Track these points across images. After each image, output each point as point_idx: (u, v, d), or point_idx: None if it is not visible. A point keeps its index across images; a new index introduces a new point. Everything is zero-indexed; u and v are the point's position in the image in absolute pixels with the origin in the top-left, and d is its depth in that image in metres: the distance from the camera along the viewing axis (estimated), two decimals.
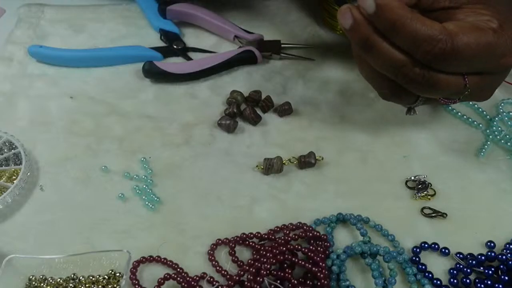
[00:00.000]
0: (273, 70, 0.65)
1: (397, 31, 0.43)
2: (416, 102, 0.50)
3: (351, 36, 0.46)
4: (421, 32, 0.43)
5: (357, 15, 0.45)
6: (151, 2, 0.70)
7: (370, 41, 0.45)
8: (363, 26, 0.45)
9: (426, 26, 0.43)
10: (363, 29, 0.45)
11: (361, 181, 0.54)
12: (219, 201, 0.52)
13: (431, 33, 0.43)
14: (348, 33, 0.46)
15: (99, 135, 0.58)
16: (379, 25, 0.44)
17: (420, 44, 0.43)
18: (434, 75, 0.46)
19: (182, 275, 0.46)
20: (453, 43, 0.43)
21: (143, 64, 0.62)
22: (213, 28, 0.68)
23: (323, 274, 0.44)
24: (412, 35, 0.43)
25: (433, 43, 0.43)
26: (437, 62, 0.44)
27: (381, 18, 0.44)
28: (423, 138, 0.58)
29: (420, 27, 0.43)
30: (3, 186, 0.52)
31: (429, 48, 0.43)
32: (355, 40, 0.46)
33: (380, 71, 0.47)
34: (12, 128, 0.57)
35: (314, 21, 0.70)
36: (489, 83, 0.48)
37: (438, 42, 0.43)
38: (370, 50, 0.46)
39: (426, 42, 0.43)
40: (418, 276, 0.47)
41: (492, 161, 0.56)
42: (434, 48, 0.43)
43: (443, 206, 0.52)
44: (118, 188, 0.53)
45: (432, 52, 0.43)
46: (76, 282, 0.46)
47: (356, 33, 0.45)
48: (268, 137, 0.58)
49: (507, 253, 0.47)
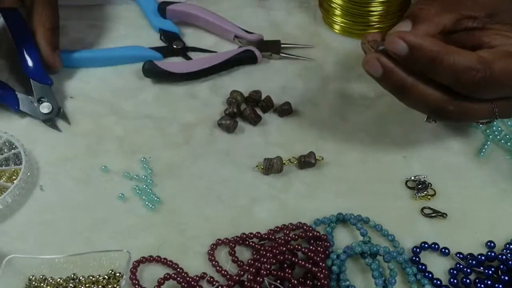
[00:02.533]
0: (273, 70, 0.65)
1: (436, 68, 0.44)
2: None
3: (384, 84, 0.46)
4: (460, 64, 0.43)
5: (386, 63, 0.45)
6: (151, 2, 0.70)
7: (405, 86, 0.45)
8: (396, 73, 0.45)
9: (464, 58, 0.44)
10: (396, 75, 0.45)
11: (361, 181, 0.54)
12: (219, 201, 0.52)
13: (470, 64, 0.44)
14: (380, 82, 0.46)
15: (99, 135, 0.58)
16: (415, 65, 0.45)
17: (460, 76, 0.44)
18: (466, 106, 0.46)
19: (182, 275, 0.46)
20: (491, 70, 0.44)
21: (143, 64, 0.62)
22: (213, 28, 0.68)
23: (323, 274, 0.44)
24: (452, 68, 0.44)
25: (472, 73, 0.44)
26: (477, 91, 0.45)
27: (417, 58, 0.44)
28: (423, 138, 0.58)
29: (459, 60, 0.44)
30: (3, 186, 0.52)
31: (470, 78, 0.44)
32: (388, 87, 0.46)
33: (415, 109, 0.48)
34: (12, 128, 0.57)
35: (314, 21, 0.70)
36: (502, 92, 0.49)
37: (478, 71, 0.44)
38: (405, 94, 0.46)
39: (466, 73, 0.44)
40: (418, 276, 0.47)
41: (492, 161, 0.56)
42: (475, 78, 0.44)
43: (443, 206, 0.52)
44: (118, 188, 0.53)
45: (473, 82, 0.44)
46: (76, 282, 0.46)
47: (388, 80, 0.45)
48: (268, 137, 0.58)
49: (507, 253, 0.47)
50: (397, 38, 0.44)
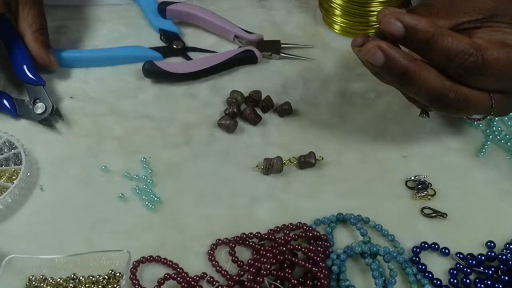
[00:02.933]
0: (273, 70, 0.65)
1: (430, 49, 0.43)
2: None
3: (386, 73, 0.45)
4: (453, 47, 0.43)
5: (389, 51, 0.43)
6: (151, 2, 0.70)
7: (407, 72, 0.44)
8: (399, 60, 0.44)
9: (457, 41, 0.43)
10: (399, 62, 0.44)
11: (361, 181, 0.54)
12: (219, 201, 0.52)
13: (463, 47, 0.43)
14: (381, 70, 0.45)
15: (99, 135, 0.58)
16: (410, 46, 0.44)
17: (452, 58, 0.43)
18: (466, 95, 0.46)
19: (182, 275, 0.46)
20: (483, 56, 0.43)
21: (143, 64, 0.62)
22: (213, 28, 0.68)
23: (323, 274, 0.44)
24: (445, 50, 0.43)
25: (464, 57, 0.43)
26: (468, 76, 0.45)
27: (413, 39, 0.43)
28: (423, 138, 0.58)
29: (452, 42, 0.43)
30: (3, 186, 0.52)
31: (461, 61, 0.43)
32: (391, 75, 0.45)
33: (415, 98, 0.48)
34: (12, 128, 0.57)
35: (314, 21, 0.70)
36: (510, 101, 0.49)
37: (470, 55, 0.43)
38: (408, 82, 0.45)
39: (458, 57, 0.43)
40: (418, 276, 0.47)
41: (492, 161, 0.56)
42: (466, 62, 0.43)
43: (443, 206, 0.52)
44: (118, 188, 0.53)
45: (463, 66, 0.44)
46: (76, 282, 0.46)
47: (391, 69, 0.44)
48: (268, 137, 0.58)
49: (507, 253, 0.47)
50: (392, 19, 0.43)
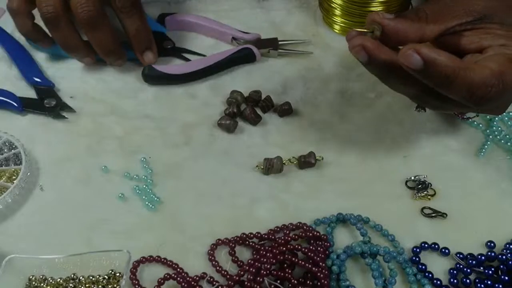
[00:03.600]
0: (273, 70, 0.65)
1: (451, 82, 0.43)
2: None
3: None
4: (475, 80, 0.43)
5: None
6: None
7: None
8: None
9: (478, 74, 0.43)
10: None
11: (361, 181, 0.54)
12: (219, 201, 0.52)
13: (485, 79, 0.43)
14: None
15: (99, 135, 0.58)
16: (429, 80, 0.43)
17: (475, 91, 0.43)
18: None
19: (182, 275, 0.46)
20: (504, 83, 0.43)
21: (142, 69, 0.62)
22: (211, 33, 0.68)
23: (323, 274, 0.44)
24: (467, 85, 0.43)
25: (487, 89, 0.43)
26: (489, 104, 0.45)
27: (432, 73, 0.42)
28: (423, 138, 0.58)
29: (473, 75, 0.43)
30: (3, 186, 0.52)
31: (484, 94, 0.43)
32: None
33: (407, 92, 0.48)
34: (12, 128, 0.57)
35: (314, 21, 0.70)
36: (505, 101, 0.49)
37: (492, 87, 0.43)
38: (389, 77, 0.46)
39: (481, 89, 0.43)
40: (418, 276, 0.47)
41: (492, 161, 0.56)
42: (490, 93, 0.43)
43: (443, 206, 0.52)
44: (118, 188, 0.53)
45: (487, 97, 0.43)
46: (76, 282, 0.46)
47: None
48: (268, 137, 0.58)
49: (507, 253, 0.47)
50: (411, 51, 0.41)
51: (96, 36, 0.59)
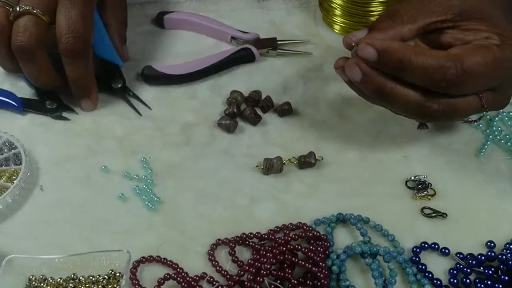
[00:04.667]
0: (273, 70, 0.65)
1: (405, 69, 0.44)
2: None
3: (364, 88, 0.47)
4: (430, 63, 0.44)
5: (365, 68, 0.45)
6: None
7: (384, 90, 0.46)
8: (374, 77, 0.45)
9: (432, 57, 0.44)
10: (374, 80, 0.45)
11: (361, 181, 0.54)
12: (219, 201, 0.52)
13: (439, 62, 0.44)
14: (360, 86, 0.47)
15: (99, 135, 0.58)
16: (387, 68, 0.45)
17: (432, 75, 0.44)
18: (452, 103, 0.46)
19: (182, 275, 0.46)
20: (462, 66, 0.44)
21: (142, 69, 0.62)
22: (210, 32, 0.68)
23: (323, 274, 0.44)
24: (421, 68, 0.44)
25: (444, 71, 0.44)
26: (452, 88, 0.45)
27: (387, 61, 0.44)
28: (423, 138, 0.58)
29: (427, 59, 0.44)
30: (3, 186, 0.52)
31: (441, 76, 0.44)
32: (369, 91, 0.47)
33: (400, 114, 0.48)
34: (12, 128, 0.57)
35: (314, 21, 0.70)
36: (504, 93, 0.49)
37: (449, 68, 0.44)
38: (386, 97, 0.46)
39: (437, 72, 0.44)
40: (418, 276, 0.47)
41: (492, 161, 0.56)
42: (446, 75, 0.44)
43: (443, 206, 0.52)
44: (118, 188, 0.53)
45: (445, 79, 0.44)
46: (76, 282, 0.46)
47: (368, 84, 0.46)
48: (268, 137, 0.58)
49: (507, 253, 0.47)
50: (364, 44, 0.44)
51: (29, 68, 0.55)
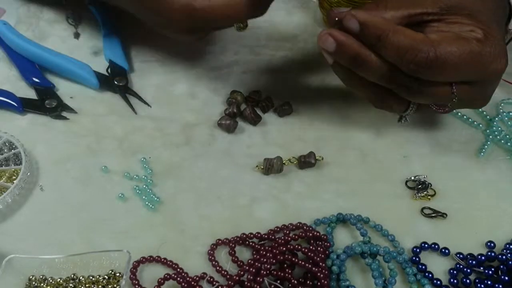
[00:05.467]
0: (273, 70, 0.65)
1: (381, 44, 0.45)
2: (407, 110, 0.51)
3: (339, 57, 0.47)
4: (404, 43, 0.44)
5: (339, 37, 0.46)
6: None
7: (359, 57, 0.46)
8: (348, 45, 0.46)
9: (408, 37, 0.44)
10: (349, 47, 0.46)
11: (361, 181, 0.54)
12: (219, 201, 0.52)
13: (413, 43, 0.44)
14: (334, 55, 0.47)
15: (99, 135, 0.58)
16: (365, 40, 0.45)
17: (403, 54, 0.44)
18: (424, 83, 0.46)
19: (182, 275, 0.46)
20: (435, 52, 0.44)
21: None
22: None
23: (323, 274, 0.44)
24: (395, 46, 0.44)
25: (415, 52, 0.44)
26: (421, 71, 0.45)
27: (366, 33, 0.45)
28: (423, 138, 0.58)
29: (403, 38, 0.44)
30: (3, 186, 0.52)
31: (411, 57, 0.44)
32: (344, 59, 0.47)
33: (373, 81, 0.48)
34: (12, 128, 0.57)
35: (314, 21, 0.70)
36: (482, 90, 0.49)
37: (420, 51, 0.44)
38: (361, 65, 0.47)
39: (409, 52, 0.44)
40: (418, 276, 0.47)
41: (492, 161, 0.56)
42: (416, 57, 0.44)
43: (443, 206, 0.52)
44: (118, 188, 0.53)
45: (414, 61, 0.44)
46: (76, 282, 0.46)
47: (342, 53, 0.46)
48: (268, 137, 0.58)
49: (507, 253, 0.47)
50: (349, 16, 0.45)
51: None
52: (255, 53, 0.66)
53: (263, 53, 0.66)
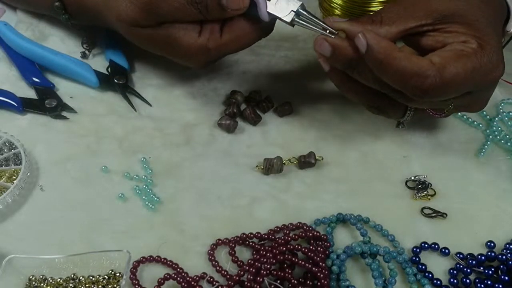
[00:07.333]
0: (273, 69, 0.65)
1: (385, 69, 0.44)
2: (405, 116, 0.51)
3: (335, 61, 0.48)
4: (409, 70, 0.44)
5: (334, 41, 0.47)
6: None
7: (354, 60, 0.46)
8: (344, 49, 0.46)
9: (413, 64, 0.44)
10: (344, 51, 0.46)
11: (361, 181, 0.54)
12: (219, 201, 0.52)
13: (419, 70, 0.44)
14: (330, 60, 0.48)
15: (99, 135, 0.58)
16: (369, 63, 0.45)
17: (408, 81, 0.44)
18: None
19: (182, 275, 0.46)
20: (441, 77, 0.44)
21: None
22: None
23: (323, 274, 0.44)
24: (399, 73, 0.44)
25: (421, 80, 0.44)
26: (427, 96, 0.45)
27: (370, 57, 0.44)
28: (423, 138, 0.58)
29: (408, 65, 0.44)
30: (3, 186, 0.52)
31: (418, 83, 0.44)
32: (340, 64, 0.47)
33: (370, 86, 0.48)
34: (12, 128, 0.57)
35: None
36: (479, 97, 0.49)
37: (427, 78, 0.44)
38: (356, 68, 0.47)
39: (414, 79, 0.44)
40: (418, 276, 0.47)
41: (492, 161, 0.56)
42: (424, 84, 0.44)
43: (443, 206, 0.52)
44: (118, 188, 0.53)
45: (422, 88, 0.44)
46: (76, 282, 0.46)
47: (338, 57, 0.47)
48: (268, 137, 0.58)
49: (507, 253, 0.47)
50: (361, 34, 0.44)
51: None
52: (255, 53, 0.66)
53: (263, 53, 0.66)
